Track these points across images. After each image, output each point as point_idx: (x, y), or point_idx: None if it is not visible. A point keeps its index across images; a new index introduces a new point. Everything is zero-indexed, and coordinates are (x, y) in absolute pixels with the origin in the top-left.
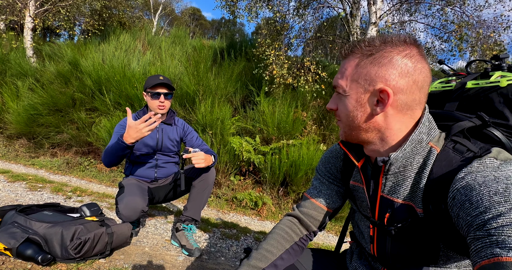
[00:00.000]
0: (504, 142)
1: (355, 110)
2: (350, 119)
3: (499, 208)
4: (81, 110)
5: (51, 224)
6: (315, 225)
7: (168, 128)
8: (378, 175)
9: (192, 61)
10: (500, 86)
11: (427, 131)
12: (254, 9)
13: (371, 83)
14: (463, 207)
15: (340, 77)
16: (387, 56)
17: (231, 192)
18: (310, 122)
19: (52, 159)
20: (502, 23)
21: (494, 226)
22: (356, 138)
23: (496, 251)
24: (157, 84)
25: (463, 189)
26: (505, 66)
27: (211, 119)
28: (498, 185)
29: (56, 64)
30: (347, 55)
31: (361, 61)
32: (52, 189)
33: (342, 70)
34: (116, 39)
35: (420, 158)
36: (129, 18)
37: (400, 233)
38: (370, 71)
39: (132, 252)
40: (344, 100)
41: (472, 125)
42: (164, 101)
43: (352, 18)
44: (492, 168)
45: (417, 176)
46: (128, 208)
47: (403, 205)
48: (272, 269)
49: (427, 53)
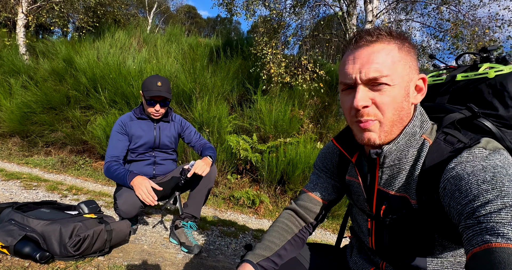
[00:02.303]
0: (495, 131)
1: (404, 101)
2: (397, 111)
3: (487, 195)
4: (75, 108)
5: (49, 221)
6: (311, 217)
7: (165, 125)
8: (374, 169)
9: (188, 59)
10: (488, 77)
11: (420, 124)
12: (251, 7)
13: (413, 71)
14: (453, 197)
15: (381, 66)
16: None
17: (228, 190)
18: (307, 121)
19: (46, 158)
20: (497, 20)
21: (483, 214)
22: (395, 134)
23: (486, 238)
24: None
25: (453, 179)
26: (493, 57)
27: (208, 117)
28: (485, 174)
29: (50, 61)
30: (374, 41)
31: (401, 46)
32: (47, 188)
33: (377, 58)
34: (111, 36)
35: (414, 151)
36: (123, 16)
37: (395, 224)
38: (410, 59)
39: (131, 250)
40: (391, 91)
41: (462, 116)
42: (159, 110)
43: (348, 16)
44: (481, 158)
45: (411, 168)
46: (127, 204)
47: (398, 197)
48: (276, 258)
49: (423, 52)
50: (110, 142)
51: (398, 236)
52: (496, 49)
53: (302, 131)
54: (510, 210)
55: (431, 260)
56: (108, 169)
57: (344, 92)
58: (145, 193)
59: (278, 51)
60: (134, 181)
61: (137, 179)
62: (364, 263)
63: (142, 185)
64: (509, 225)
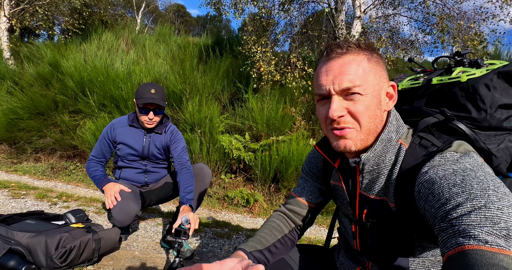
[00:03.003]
0: (468, 133)
1: (377, 109)
2: (372, 119)
3: (457, 198)
4: (64, 113)
5: (34, 233)
6: (299, 219)
7: (157, 136)
8: (355, 174)
9: (177, 59)
10: (461, 81)
11: (395, 129)
12: (240, 6)
13: (383, 79)
14: (427, 200)
15: (353, 77)
16: (379, 57)
17: (222, 190)
18: (299, 118)
19: (35, 165)
20: (481, 14)
21: (455, 216)
22: (370, 141)
23: (459, 241)
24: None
25: (426, 183)
26: (466, 61)
27: (199, 118)
28: (456, 177)
29: (35, 65)
30: (344, 54)
31: (370, 57)
32: (36, 196)
33: (349, 69)
34: (98, 38)
35: (391, 155)
36: (111, 16)
37: (376, 228)
38: (380, 68)
39: (121, 257)
40: (364, 100)
41: (436, 120)
42: (153, 118)
43: (337, 12)
44: (452, 161)
45: (389, 172)
46: (122, 213)
47: (378, 201)
48: (267, 253)
49: (411, 46)
50: (97, 143)
51: (380, 238)
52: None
53: (295, 129)
54: (479, 212)
55: (413, 260)
56: (87, 168)
57: (319, 102)
58: (110, 197)
59: (267, 49)
60: (105, 187)
61: (109, 185)
62: (351, 263)
63: (112, 190)
64: (479, 226)
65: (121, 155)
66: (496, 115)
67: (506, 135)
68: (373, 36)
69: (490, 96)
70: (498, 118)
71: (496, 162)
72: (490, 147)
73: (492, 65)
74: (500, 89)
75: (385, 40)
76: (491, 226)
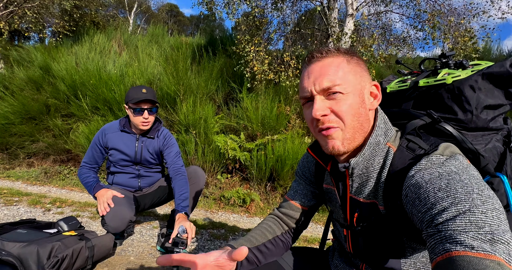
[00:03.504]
0: (455, 135)
1: (360, 107)
2: (356, 117)
3: (442, 203)
4: (56, 117)
5: (25, 243)
6: (292, 222)
7: (149, 141)
8: (345, 178)
9: (170, 60)
10: (446, 83)
11: (384, 132)
12: (233, 6)
13: (365, 79)
14: (414, 204)
15: (332, 77)
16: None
17: (219, 191)
18: (294, 116)
19: (28, 170)
20: (471, 10)
21: (441, 221)
22: (358, 140)
23: (446, 247)
24: (140, 101)
25: (413, 187)
26: (451, 63)
27: (193, 119)
28: (441, 181)
29: (26, 69)
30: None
31: (350, 59)
32: (29, 202)
33: (332, 71)
34: (90, 40)
35: (380, 159)
36: (102, 17)
37: (367, 231)
38: (360, 69)
39: (116, 263)
40: (346, 99)
41: (423, 123)
42: (148, 117)
43: (329, 10)
44: (438, 165)
45: (378, 175)
46: (115, 219)
47: (368, 204)
48: (256, 251)
49: (403, 43)
50: (88, 149)
51: (372, 241)
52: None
53: (290, 127)
54: (463, 217)
55: (405, 262)
56: (79, 174)
57: (305, 105)
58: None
59: (261, 48)
60: (98, 194)
61: (101, 191)
62: (345, 266)
63: (104, 197)
64: (464, 232)
65: (113, 160)
66: (482, 116)
67: (493, 135)
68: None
69: (475, 97)
70: (484, 119)
71: (484, 162)
72: (477, 147)
73: (477, 65)
74: (485, 90)
75: (377, 37)
76: (476, 231)
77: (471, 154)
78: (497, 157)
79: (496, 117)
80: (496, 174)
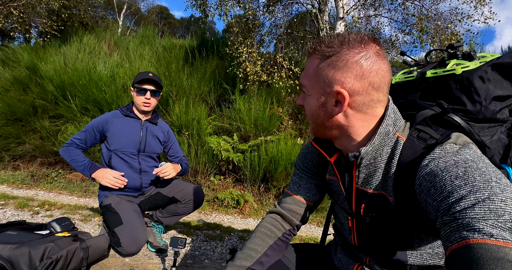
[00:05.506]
0: (464, 126)
1: (318, 109)
2: (314, 117)
3: (460, 191)
4: (44, 118)
5: (16, 245)
6: (297, 219)
7: (153, 127)
8: (351, 168)
9: (163, 61)
10: (456, 73)
11: (393, 122)
12: (226, 8)
13: (329, 85)
14: (429, 193)
15: (304, 76)
16: (343, 59)
17: (212, 192)
18: (287, 118)
19: (14, 173)
20: (457, 15)
21: (458, 210)
22: (323, 134)
23: (463, 234)
24: (144, 80)
25: (427, 176)
26: (459, 54)
27: (186, 120)
28: (458, 169)
29: (11, 69)
30: (310, 54)
31: (320, 63)
32: (16, 205)
33: (306, 69)
34: (79, 40)
35: (388, 149)
36: (91, 18)
37: (375, 222)
38: (328, 74)
39: (111, 265)
40: (308, 99)
41: (433, 113)
42: (150, 98)
43: (320, 13)
44: (452, 153)
45: (387, 166)
46: (133, 244)
47: (376, 195)
48: (258, 266)
49: (392, 46)
50: (80, 132)
51: (379, 232)
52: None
53: (282, 128)
54: (483, 205)
55: (411, 253)
56: (66, 151)
57: None
58: (113, 180)
59: (253, 50)
60: (97, 174)
61: (100, 171)
62: (349, 260)
63: (108, 174)
64: (483, 219)
65: (117, 148)
66: (490, 107)
67: (499, 127)
68: None
69: (484, 88)
70: (492, 110)
71: (490, 154)
72: (484, 139)
73: (483, 57)
74: (494, 81)
75: None
76: (495, 219)
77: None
78: (502, 149)
79: (503, 108)
80: (502, 165)
